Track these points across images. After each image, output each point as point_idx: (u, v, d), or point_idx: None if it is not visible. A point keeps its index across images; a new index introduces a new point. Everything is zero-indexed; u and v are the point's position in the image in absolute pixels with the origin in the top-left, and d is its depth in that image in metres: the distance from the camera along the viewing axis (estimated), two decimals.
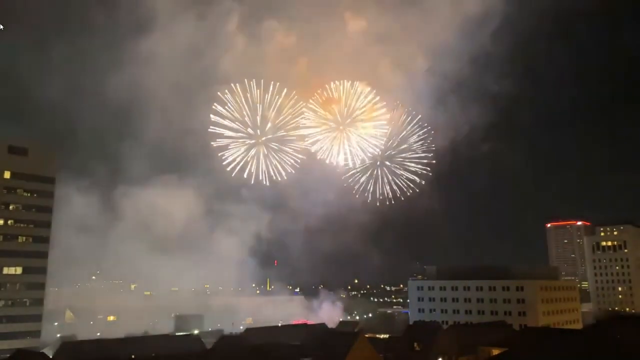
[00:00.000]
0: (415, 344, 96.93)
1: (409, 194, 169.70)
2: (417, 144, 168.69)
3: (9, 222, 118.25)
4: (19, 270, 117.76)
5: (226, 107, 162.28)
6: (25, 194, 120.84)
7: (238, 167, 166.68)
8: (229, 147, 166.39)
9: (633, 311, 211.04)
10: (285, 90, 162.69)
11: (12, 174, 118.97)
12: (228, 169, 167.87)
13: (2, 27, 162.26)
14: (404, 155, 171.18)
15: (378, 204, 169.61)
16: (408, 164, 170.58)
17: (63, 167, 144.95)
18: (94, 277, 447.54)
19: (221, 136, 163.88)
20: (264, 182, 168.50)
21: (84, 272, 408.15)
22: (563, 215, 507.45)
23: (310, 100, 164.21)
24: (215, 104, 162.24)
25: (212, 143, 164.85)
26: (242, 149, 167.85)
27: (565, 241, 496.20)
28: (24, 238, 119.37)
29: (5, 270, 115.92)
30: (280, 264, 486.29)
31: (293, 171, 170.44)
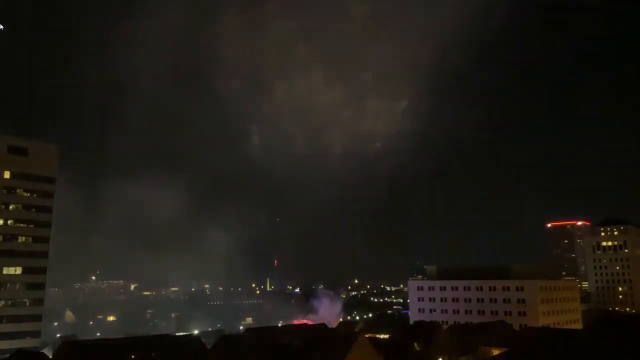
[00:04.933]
0: (415, 344, 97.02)
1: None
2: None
3: (9, 222, 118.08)
4: (19, 270, 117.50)
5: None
6: (25, 194, 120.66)
7: None
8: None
9: (633, 311, 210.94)
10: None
11: (12, 174, 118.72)
12: None
13: (1, 27, 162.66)
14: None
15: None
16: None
17: (62, 166, 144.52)
18: (93, 277, 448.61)
19: None
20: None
21: (84, 272, 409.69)
22: (563, 215, 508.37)
23: None
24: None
25: None
26: None
27: (566, 241, 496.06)
28: (24, 238, 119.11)
29: (5, 270, 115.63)
30: (280, 264, 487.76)
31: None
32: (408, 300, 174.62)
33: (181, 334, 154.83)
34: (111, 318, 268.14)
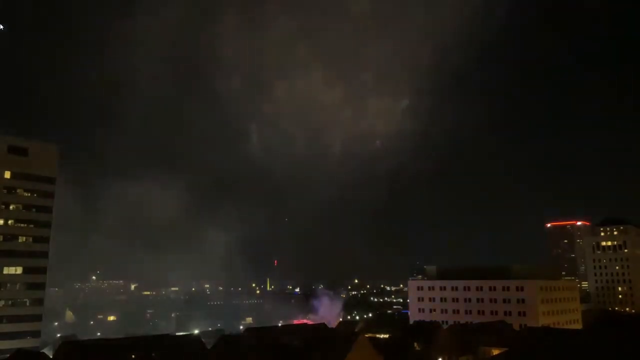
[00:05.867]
0: (415, 344, 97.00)
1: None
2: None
3: (9, 222, 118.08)
4: (19, 270, 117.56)
5: None
6: (25, 194, 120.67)
7: None
8: None
9: (633, 311, 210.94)
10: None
11: (12, 174, 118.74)
12: None
13: (1, 27, 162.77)
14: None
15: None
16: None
17: (62, 166, 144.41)
18: (94, 277, 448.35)
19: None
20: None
21: (84, 272, 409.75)
22: (563, 215, 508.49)
23: None
24: None
25: None
26: None
27: (565, 241, 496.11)
28: (24, 238, 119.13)
29: (5, 270, 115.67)
30: (280, 264, 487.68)
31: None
32: (408, 300, 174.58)
33: (181, 334, 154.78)
34: (111, 318, 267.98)
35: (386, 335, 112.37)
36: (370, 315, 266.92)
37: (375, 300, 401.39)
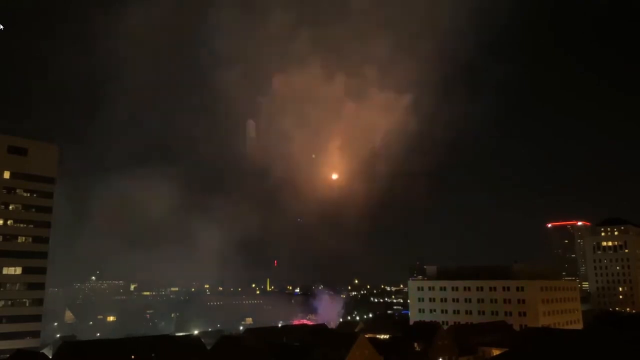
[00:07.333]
0: (415, 344, 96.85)
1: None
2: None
3: (9, 222, 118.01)
4: (18, 270, 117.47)
5: None
6: (25, 194, 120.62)
7: None
8: None
9: (634, 311, 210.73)
10: None
11: (11, 174, 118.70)
12: None
13: (1, 27, 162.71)
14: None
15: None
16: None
17: (62, 166, 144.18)
18: (93, 277, 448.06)
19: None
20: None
21: (84, 272, 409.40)
22: (563, 215, 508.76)
23: None
24: None
25: None
26: None
27: (566, 241, 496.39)
28: (24, 238, 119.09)
29: (5, 270, 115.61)
30: (280, 264, 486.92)
31: None
32: (408, 300, 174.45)
33: (181, 334, 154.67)
34: (111, 318, 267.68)
35: (386, 336, 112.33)
36: (370, 315, 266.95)
37: (376, 300, 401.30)
